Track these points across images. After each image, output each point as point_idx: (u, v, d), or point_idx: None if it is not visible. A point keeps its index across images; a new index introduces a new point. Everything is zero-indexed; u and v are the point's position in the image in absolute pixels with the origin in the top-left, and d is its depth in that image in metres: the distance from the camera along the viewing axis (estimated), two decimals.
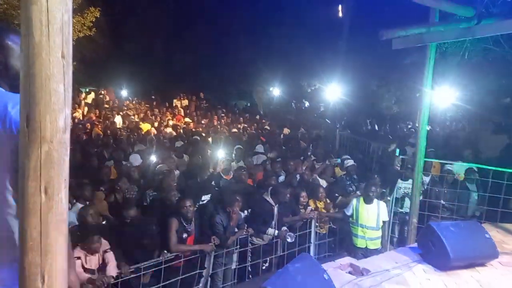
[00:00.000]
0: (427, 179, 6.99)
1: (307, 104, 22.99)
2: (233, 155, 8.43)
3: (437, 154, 8.16)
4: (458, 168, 7.48)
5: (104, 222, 4.73)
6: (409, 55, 11.14)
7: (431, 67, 5.98)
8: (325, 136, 12.14)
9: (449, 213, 6.71)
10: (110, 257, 4.01)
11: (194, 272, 4.69)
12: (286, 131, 12.96)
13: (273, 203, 5.48)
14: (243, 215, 5.40)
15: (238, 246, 5.11)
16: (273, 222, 5.45)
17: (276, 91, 23.49)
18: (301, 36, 19.69)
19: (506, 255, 4.65)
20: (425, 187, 6.82)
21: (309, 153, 8.87)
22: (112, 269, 3.93)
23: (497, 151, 10.55)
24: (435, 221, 5.88)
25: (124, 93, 20.35)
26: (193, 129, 12.89)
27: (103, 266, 3.99)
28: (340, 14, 20.29)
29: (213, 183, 5.96)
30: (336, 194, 6.43)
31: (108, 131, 11.15)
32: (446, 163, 7.44)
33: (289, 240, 5.11)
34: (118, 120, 13.78)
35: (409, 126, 14.00)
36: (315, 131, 12.99)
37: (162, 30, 23.24)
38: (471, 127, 14.07)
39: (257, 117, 17.69)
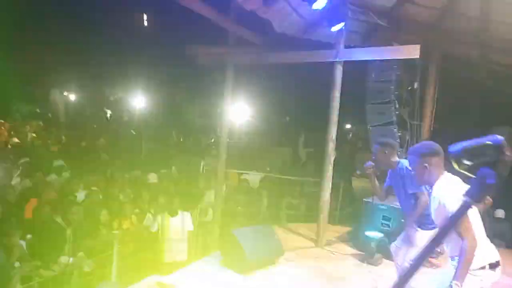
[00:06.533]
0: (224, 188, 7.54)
1: (109, 113, 21.49)
2: (19, 170, 6.98)
3: (235, 165, 8.94)
4: (253, 177, 8.41)
5: None
6: (212, 72, 11.95)
7: (230, 85, 6.56)
8: (129, 148, 11.58)
9: (246, 218, 7.44)
10: None
11: None
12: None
13: (66, 225, 4.77)
14: (24, 242, 4.48)
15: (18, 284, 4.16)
16: (67, 248, 4.73)
17: (73, 96, 21.04)
18: (104, 42, 18.31)
19: (289, 252, 5.46)
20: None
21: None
22: None
23: (280, 162, 12.51)
24: (234, 227, 6.42)
25: None
26: None
27: None
28: (146, 24, 20.04)
29: None
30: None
31: None
32: (243, 173, 8.25)
33: (86, 269, 4.54)
34: None
35: (212, 140, 14.91)
36: (119, 141, 12.22)
37: None
38: (261, 140, 16.24)
39: (41, 123, 14.96)
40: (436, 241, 1.03)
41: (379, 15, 6.15)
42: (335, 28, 5.40)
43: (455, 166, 1.01)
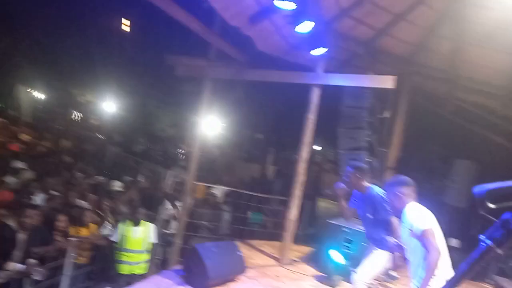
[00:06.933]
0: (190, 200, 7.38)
1: (76, 114, 20.75)
2: None
3: (203, 178, 8.79)
4: (220, 191, 8.30)
5: None
6: (188, 83, 11.83)
7: (207, 98, 6.51)
8: (94, 152, 11.17)
9: (209, 232, 7.30)
10: None
11: None
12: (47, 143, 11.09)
13: (17, 229, 4.47)
14: None
15: None
16: (17, 253, 4.41)
17: (40, 95, 20.15)
18: (78, 41, 17.70)
19: (251, 269, 5.39)
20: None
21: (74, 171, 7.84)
22: None
23: (249, 177, 12.48)
24: (197, 241, 6.27)
25: None
26: None
27: None
28: (126, 29, 19.74)
29: None
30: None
31: None
32: (210, 186, 8.12)
33: (37, 277, 4.23)
34: None
35: (181, 150, 14.70)
36: (84, 145, 11.76)
37: None
38: (230, 155, 16.16)
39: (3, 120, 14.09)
40: (455, 284, 1.03)
41: (358, 44, 6.39)
42: (316, 53, 5.52)
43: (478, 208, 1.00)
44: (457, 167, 7.17)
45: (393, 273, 5.46)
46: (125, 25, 21.16)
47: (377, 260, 3.72)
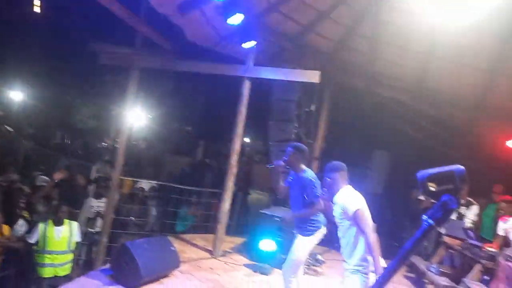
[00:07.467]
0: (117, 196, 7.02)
1: None
2: None
3: (130, 172, 8.40)
4: (149, 185, 8.01)
5: None
6: (110, 72, 11.16)
7: (133, 88, 6.20)
8: (2, 146, 10.03)
9: (138, 228, 7.03)
10: None
11: None
12: None
13: None
14: None
15: None
16: None
17: None
18: None
19: (185, 264, 5.34)
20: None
21: None
22: None
23: (178, 170, 12.20)
24: (126, 238, 6.00)
25: None
26: None
27: None
28: (37, 10, 17.86)
29: None
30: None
31: None
32: (138, 181, 7.80)
33: None
34: None
35: (104, 144, 13.85)
36: None
37: None
38: (158, 148, 15.63)
39: None
40: (401, 262, 1.13)
41: (286, 39, 6.59)
42: (247, 45, 5.58)
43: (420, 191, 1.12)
44: (375, 157, 7.84)
45: (320, 257, 5.83)
46: (36, 5, 19.16)
47: (301, 250, 3.86)
